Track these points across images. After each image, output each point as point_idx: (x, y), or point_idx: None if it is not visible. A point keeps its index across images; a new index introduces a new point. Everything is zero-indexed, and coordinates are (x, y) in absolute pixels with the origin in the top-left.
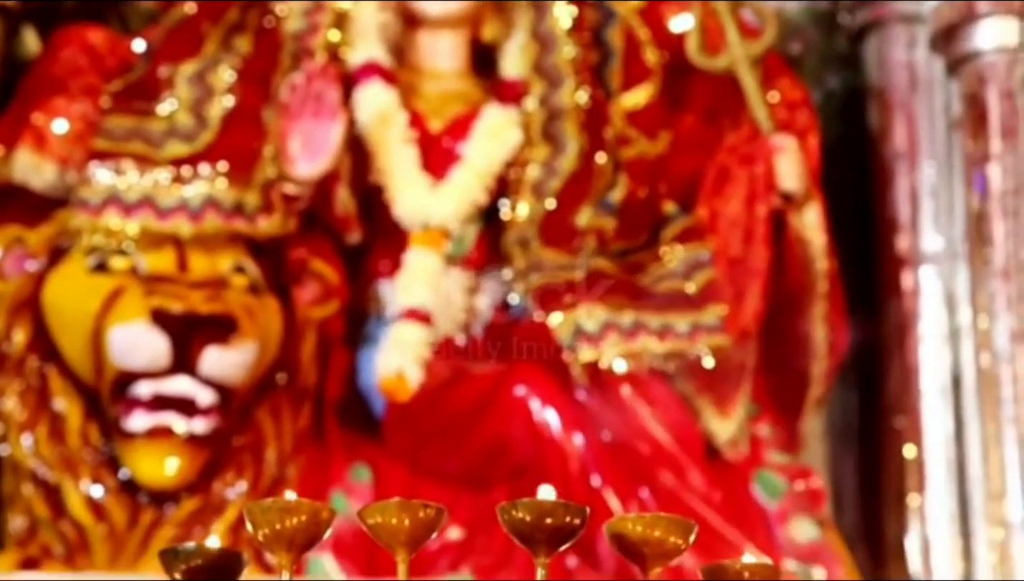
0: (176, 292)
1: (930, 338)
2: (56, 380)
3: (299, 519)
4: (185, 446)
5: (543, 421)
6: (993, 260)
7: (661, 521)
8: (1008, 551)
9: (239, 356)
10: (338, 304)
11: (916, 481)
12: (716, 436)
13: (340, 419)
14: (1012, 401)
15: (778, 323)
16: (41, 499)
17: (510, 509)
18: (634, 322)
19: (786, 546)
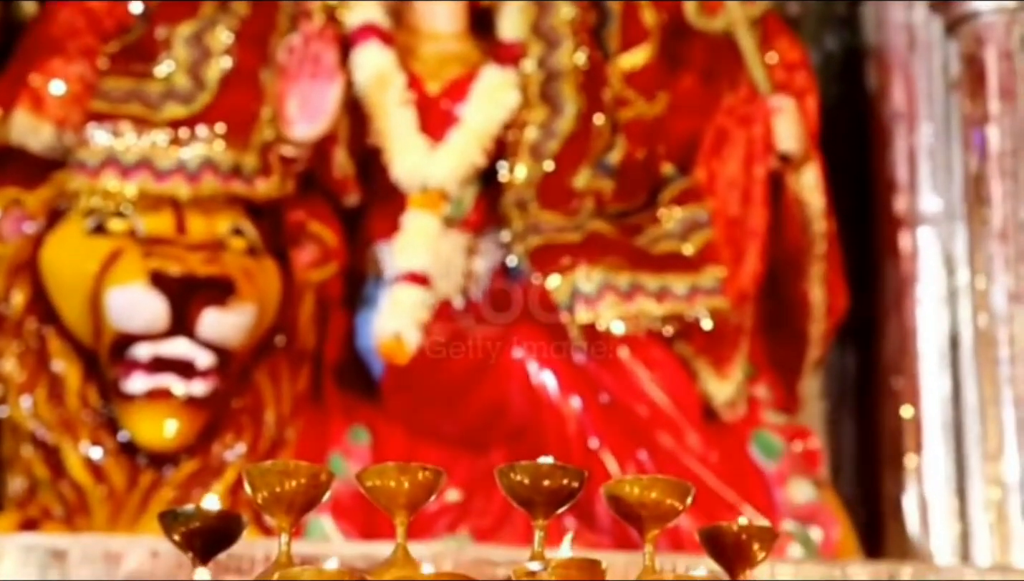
0: (174, 254)
1: (928, 299)
2: (55, 342)
3: (298, 482)
4: (184, 408)
5: (541, 383)
6: (991, 221)
7: (658, 483)
8: (1004, 511)
9: (237, 318)
10: (336, 266)
11: (913, 441)
12: (714, 397)
13: (338, 381)
14: (1009, 362)
15: (776, 284)
16: (40, 460)
17: (508, 472)
18: (632, 284)
19: (784, 507)
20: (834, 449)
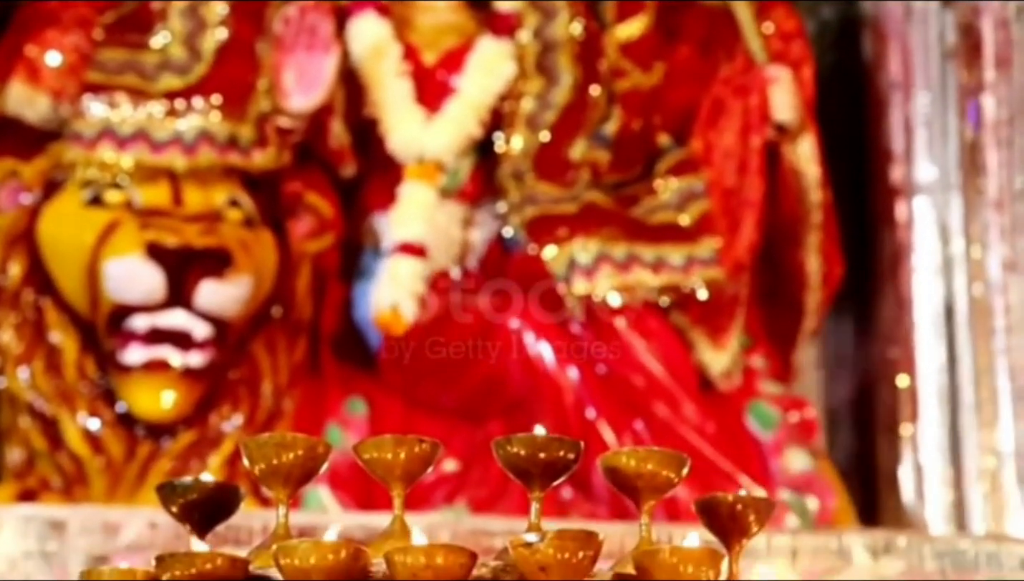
0: (171, 226)
1: (923, 269)
2: (52, 313)
3: (295, 453)
4: (181, 379)
5: (537, 354)
6: (987, 190)
7: (654, 455)
8: (999, 480)
9: (234, 290)
10: (333, 237)
11: (909, 411)
12: (710, 368)
13: (335, 353)
14: (1005, 331)
15: (772, 254)
16: (38, 432)
17: (505, 444)
18: (628, 255)
19: (780, 476)
20: (830, 419)
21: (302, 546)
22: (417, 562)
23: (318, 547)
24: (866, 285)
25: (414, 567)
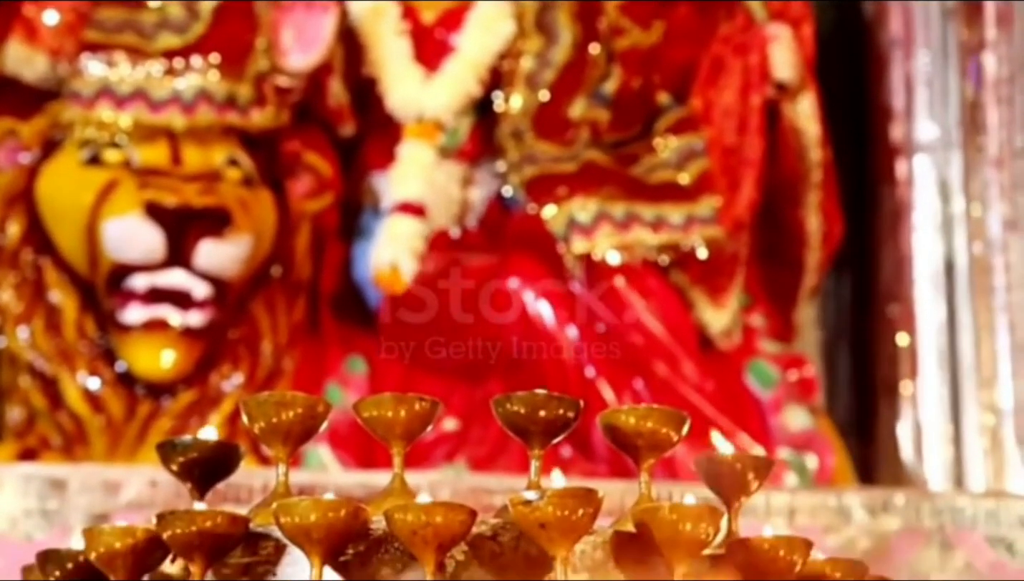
0: (170, 185)
1: (924, 227)
2: (51, 273)
3: (295, 412)
4: (181, 339)
5: (537, 313)
6: (987, 148)
7: (654, 413)
8: (999, 437)
9: (233, 249)
10: (332, 197)
11: (908, 369)
12: (709, 327)
13: (335, 312)
14: (1004, 289)
15: (772, 213)
16: (38, 391)
17: (504, 402)
18: (628, 213)
19: (779, 434)
20: (829, 377)
21: (302, 504)
22: (417, 520)
23: (318, 505)
24: (866, 244)
25: (414, 524)
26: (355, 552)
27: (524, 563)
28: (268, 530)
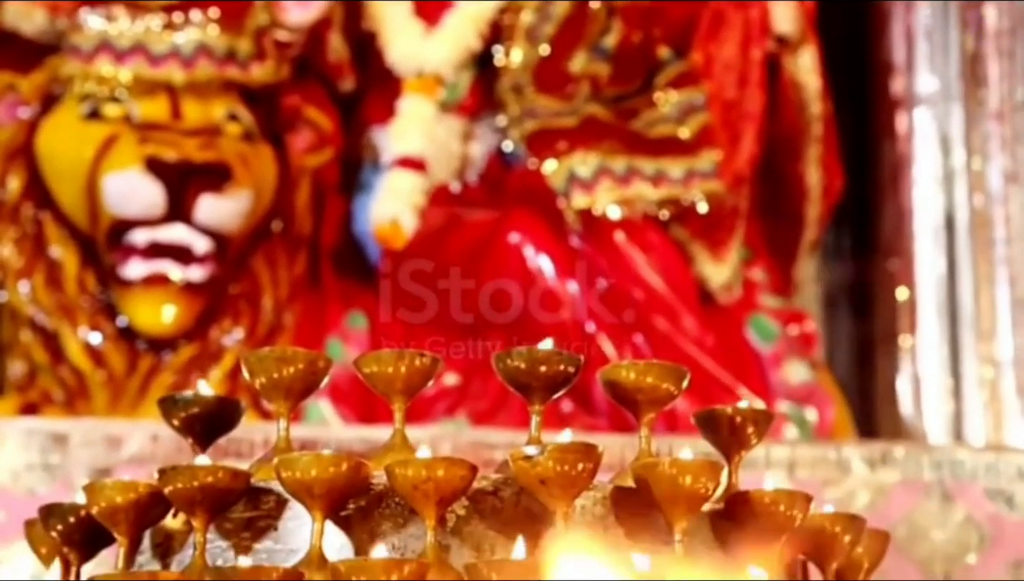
0: (170, 140)
1: (924, 180)
2: (52, 227)
3: (296, 368)
4: (181, 294)
5: (537, 268)
6: (988, 101)
7: (654, 368)
8: (998, 390)
9: (234, 204)
10: (332, 152)
11: (908, 322)
12: (710, 281)
13: (336, 267)
14: (1004, 242)
15: (772, 167)
16: (40, 345)
17: (505, 358)
18: (628, 168)
19: (779, 388)
20: (829, 331)
21: (303, 459)
22: (418, 475)
23: (319, 460)
24: (866, 197)
25: (415, 479)
26: (356, 507)
27: (525, 518)
28: (269, 485)
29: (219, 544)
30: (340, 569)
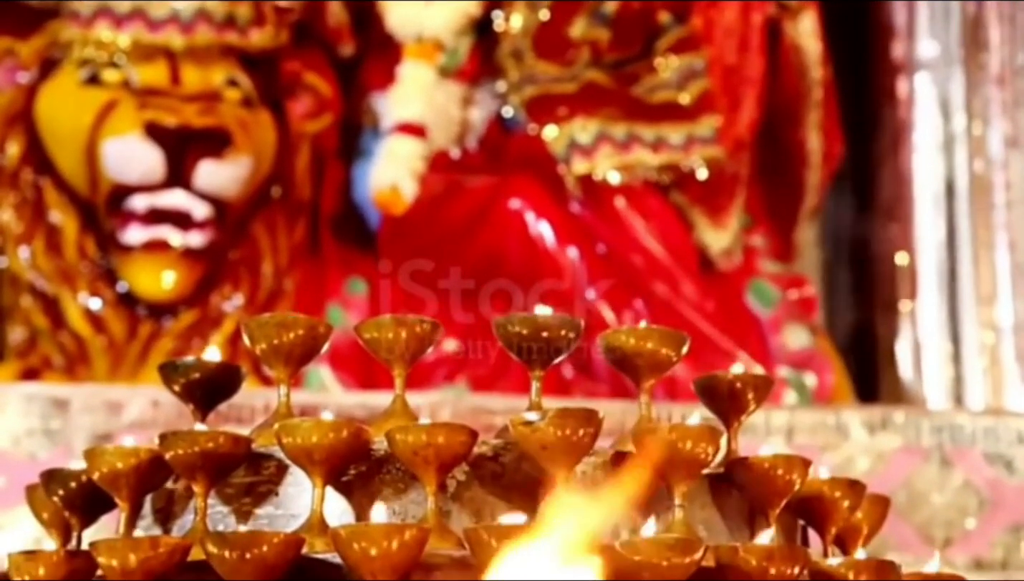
0: (169, 105)
1: (924, 145)
2: (51, 193)
3: (296, 334)
4: (181, 259)
5: (537, 234)
6: (988, 66)
7: (653, 333)
8: (998, 355)
9: (233, 170)
10: (332, 117)
11: (908, 287)
12: (710, 247)
13: (335, 233)
14: (1005, 207)
15: (773, 132)
16: (40, 311)
17: (505, 323)
18: (628, 134)
19: (778, 354)
20: (829, 296)
21: (304, 425)
22: (418, 440)
23: (320, 426)
24: (867, 162)
25: (415, 445)
26: (357, 472)
27: (525, 483)
28: (270, 451)
29: (220, 509)
30: (341, 534)
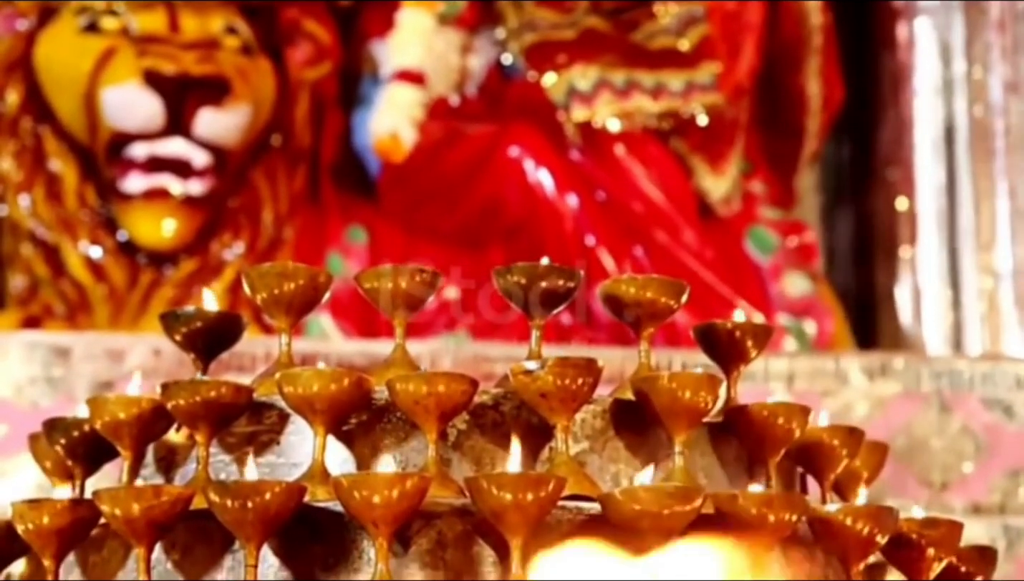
0: (168, 53)
1: (924, 90)
2: (51, 141)
3: (297, 283)
4: (181, 207)
5: (537, 181)
6: (988, 11)
7: (653, 283)
8: (997, 300)
9: (233, 118)
10: (331, 65)
11: (908, 233)
12: (709, 194)
13: (335, 181)
14: (1004, 152)
15: (772, 79)
16: (41, 259)
17: (505, 273)
18: (628, 81)
19: (778, 301)
20: (829, 242)
21: (305, 374)
22: (419, 389)
23: (321, 375)
24: (866, 108)
25: (416, 394)
26: (358, 421)
27: (525, 431)
28: (272, 400)
29: (222, 458)
30: (342, 483)
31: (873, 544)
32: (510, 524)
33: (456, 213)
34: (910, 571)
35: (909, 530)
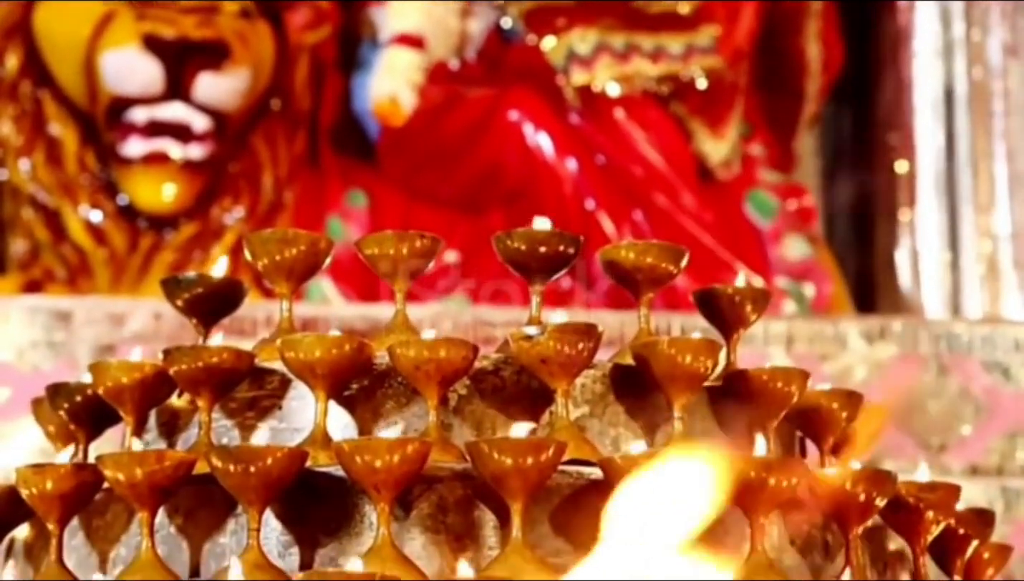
0: (167, 17)
1: (924, 52)
2: (51, 105)
3: (298, 249)
4: (181, 172)
5: (536, 145)
6: None
7: (653, 248)
8: (995, 263)
9: (232, 82)
10: (330, 28)
11: (907, 196)
12: (709, 157)
13: (335, 145)
14: (1003, 115)
15: (772, 41)
16: (41, 223)
17: (505, 238)
18: (627, 44)
19: (777, 264)
20: (828, 206)
21: (306, 339)
22: (420, 355)
23: (322, 340)
24: (866, 70)
25: (417, 360)
26: (359, 387)
27: (526, 396)
28: (273, 365)
29: (224, 423)
30: (344, 448)
31: (872, 507)
32: (511, 488)
33: (456, 177)
34: (908, 534)
35: (907, 493)
